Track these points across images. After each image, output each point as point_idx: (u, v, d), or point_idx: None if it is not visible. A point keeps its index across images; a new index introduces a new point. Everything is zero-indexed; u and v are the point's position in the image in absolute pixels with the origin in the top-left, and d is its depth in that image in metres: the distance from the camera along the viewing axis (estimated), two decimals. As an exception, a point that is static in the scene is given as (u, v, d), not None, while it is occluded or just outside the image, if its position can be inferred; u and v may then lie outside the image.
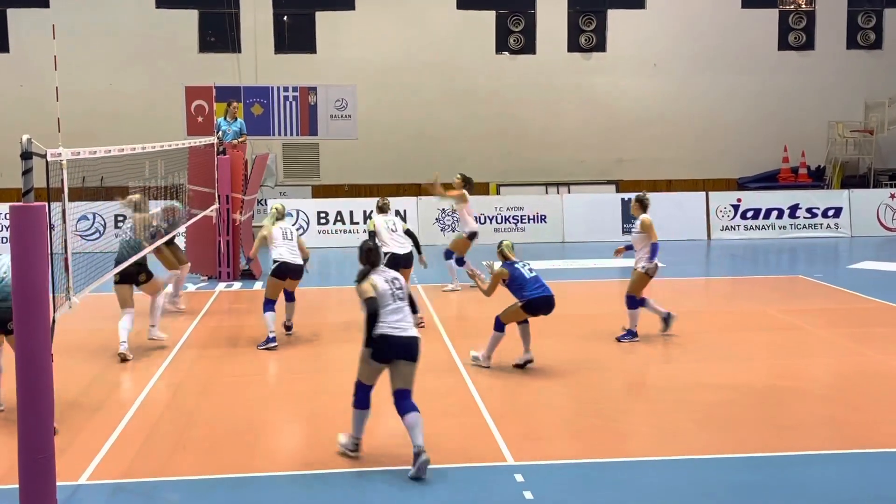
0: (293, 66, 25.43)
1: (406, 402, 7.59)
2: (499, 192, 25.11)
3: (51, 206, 6.86)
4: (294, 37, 25.63)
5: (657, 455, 7.93)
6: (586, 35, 26.29)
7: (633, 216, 12.14)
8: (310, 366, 11.10)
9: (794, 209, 23.03)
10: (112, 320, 11.74)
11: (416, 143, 25.29)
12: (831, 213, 23.05)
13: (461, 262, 15.68)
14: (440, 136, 25.59)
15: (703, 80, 26.48)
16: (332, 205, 22.76)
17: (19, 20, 24.69)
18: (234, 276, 17.15)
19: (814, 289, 16.01)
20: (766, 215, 23.03)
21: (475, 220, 16.13)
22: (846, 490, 7.23)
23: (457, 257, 15.76)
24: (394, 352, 7.61)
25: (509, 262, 10.59)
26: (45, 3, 24.65)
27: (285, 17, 25.60)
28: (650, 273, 11.76)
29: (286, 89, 25.35)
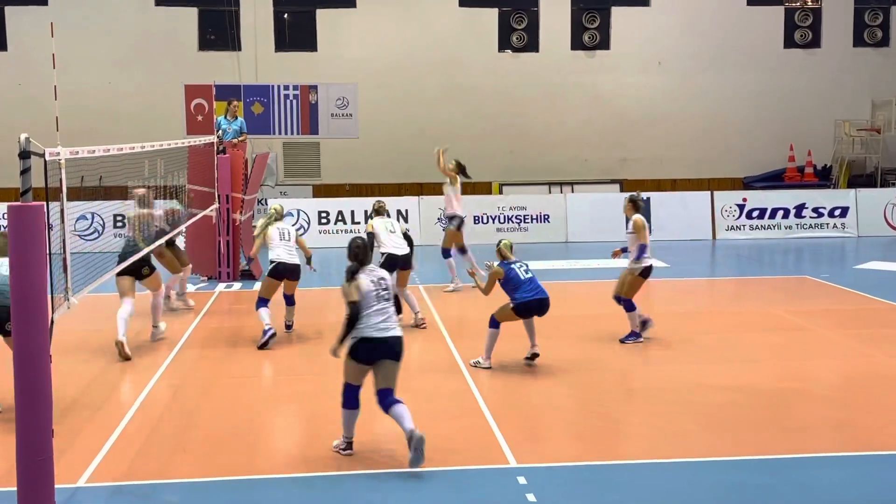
0: (294, 65, 25.31)
1: (389, 398, 7.73)
2: (501, 192, 25.01)
3: (49, 205, 6.90)
4: (295, 35, 25.49)
5: (661, 457, 7.89)
6: (590, 33, 26.11)
7: (627, 217, 12.00)
8: (310, 367, 11.02)
9: (800, 209, 22.87)
10: (112, 321, 11.79)
11: (418, 143, 24.99)
12: (838, 212, 22.88)
13: (463, 251, 15.72)
14: (442, 135, 24.98)
15: (708, 79, 26.30)
16: (332, 204, 22.62)
17: (18, 18, 24.59)
18: (234, 276, 17.06)
19: (820, 289, 15.90)
20: (772, 215, 22.88)
21: (475, 220, 16.06)
22: (852, 493, 7.16)
23: (457, 247, 15.76)
24: (378, 353, 7.72)
25: (506, 262, 10.68)
26: (43, 1, 24.56)
27: (286, 15, 25.46)
28: (643, 274, 11.66)
29: (287, 88, 25.23)
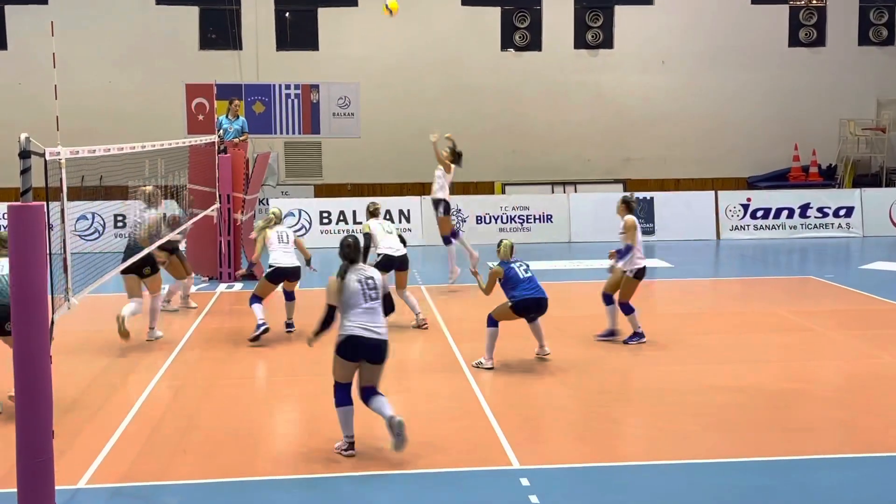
0: (295, 64, 25.19)
1: (370, 393, 7.87)
2: (504, 192, 24.91)
3: (49, 205, 6.91)
4: (296, 34, 25.36)
5: (665, 459, 7.86)
6: (593, 31, 25.98)
7: (620, 217, 11.88)
8: (310, 367, 10.89)
9: (804, 208, 22.76)
10: (110, 322, 11.90)
11: (420, 142, 24.69)
12: (843, 212, 22.76)
13: (455, 234, 16.01)
14: (444, 135, 25.25)
15: (712, 78, 26.16)
16: (334, 204, 22.52)
17: (18, 17, 24.49)
18: (234, 276, 16.93)
19: (825, 290, 15.82)
20: (777, 215, 22.76)
21: (477, 220, 16.10)
22: (856, 495, 7.13)
23: (453, 232, 16.00)
24: (362, 352, 7.79)
25: (505, 262, 10.72)
26: (43, 0, 24.45)
27: (287, 14, 25.33)
28: (637, 276, 11.57)
29: (288, 87, 25.13)
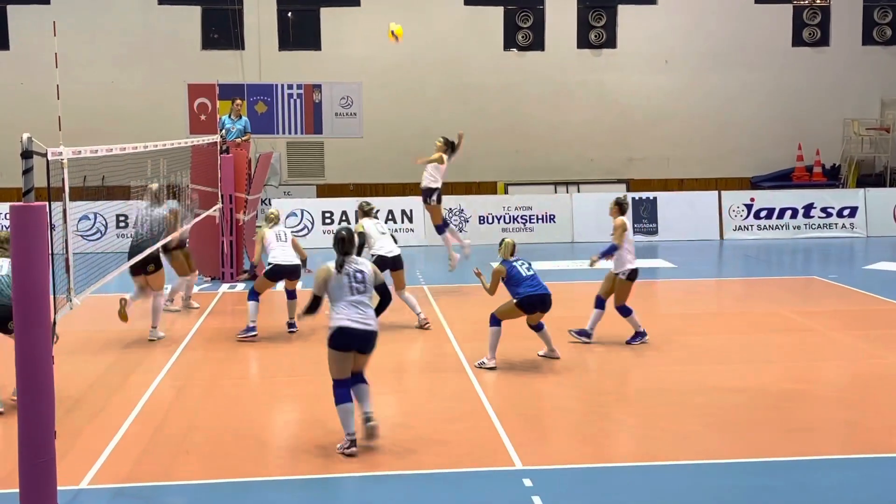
0: (297, 64, 25.16)
1: (356, 379, 8.07)
2: (507, 192, 24.88)
3: (51, 205, 6.92)
4: (298, 33, 25.32)
5: (667, 459, 7.85)
6: (596, 31, 25.92)
7: (612, 218, 11.81)
8: (312, 368, 10.86)
9: (808, 209, 22.70)
10: (114, 322, 11.96)
11: (422, 142, 24.67)
12: (846, 212, 22.70)
13: (446, 223, 16.19)
14: (447, 135, 25.17)
15: (715, 77, 26.10)
16: (336, 204, 22.47)
17: (20, 17, 24.47)
18: (237, 276, 16.88)
19: (829, 290, 15.78)
20: (780, 215, 22.71)
21: (480, 220, 16.12)
22: (859, 495, 7.11)
23: (445, 220, 16.16)
24: (353, 343, 7.94)
25: (507, 261, 10.71)
26: (45, 0, 24.40)
27: (289, 14, 25.29)
28: (630, 277, 11.54)
29: (290, 87, 25.09)
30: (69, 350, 10.89)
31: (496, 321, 10.58)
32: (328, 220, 22.00)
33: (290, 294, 12.69)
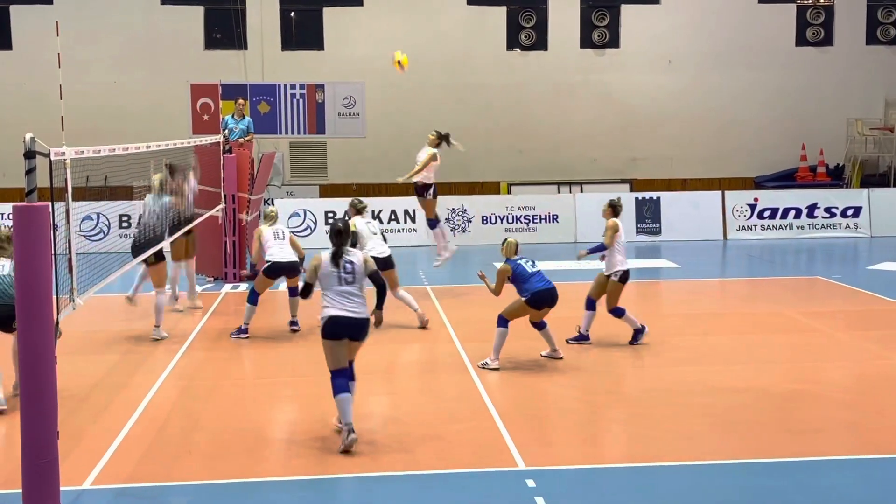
0: (300, 64, 25.15)
1: (347, 372, 8.23)
2: (510, 192, 24.85)
3: (54, 205, 6.95)
4: (301, 33, 25.31)
5: (671, 460, 7.83)
6: (599, 31, 25.88)
7: (605, 219, 11.79)
8: (315, 368, 10.79)
9: (812, 209, 22.65)
10: (116, 322, 12.09)
11: (425, 142, 24.85)
12: (850, 212, 22.65)
13: (438, 220, 16.01)
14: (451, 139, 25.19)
15: (718, 77, 26.05)
16: (339, 204, 22.34)
17: (23, 17, 24.48)
18: (240, 277, 16.86)
19: (833, 290, 15.74)
20: (784, 215, 22.67)
21: (483, 220, 15.98)
22: (864, 496, 7.09)
23: (437, 217, 15.99)
24: (344, 331, 8.10)
25: (512, 259, 10.68)
26: (48, 0, 24.41)
27: (292, 14, 25.27)
28: (622, 279, 11.49)
29: (293, 87, 25.07)
30: (72, 350, 10.88)
31: (504, 322, 10.55)
32: (331, 220, 21.96)
33: (292, 291, 12.72)
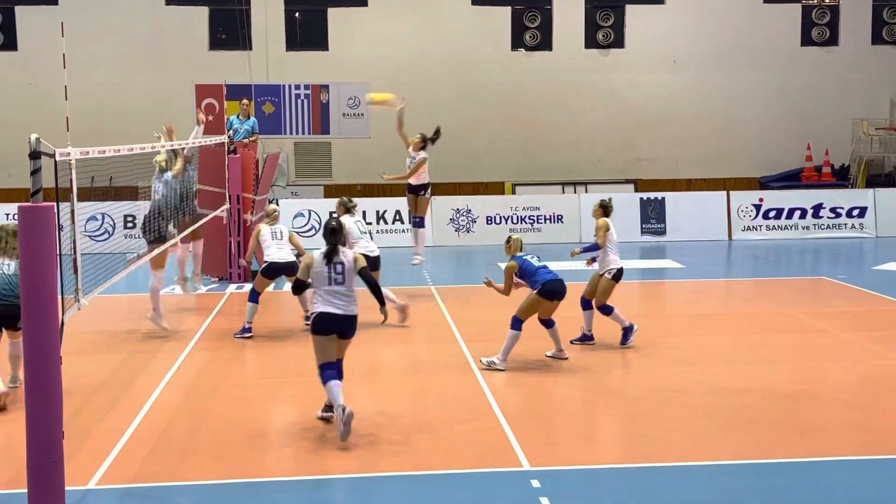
0: (305, 64, 25.16)
1: (335, 368, 8.44)
2: (514, 192, 24.84)
3: (59, 206, 6.97)
4: (306, 34, 25.36)
5: (677, 460, 7.83)
6: (604, 31, 25.88)
7: (595, 219, 11.80)
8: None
9: (817, 209, 22.62)
10: (120, 322, 12.09)
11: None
12: (856, 212, 22.61)
13: (422, 221, 15.91)
14: (454, 135, 24.94)
15: (723, 77, 26.03)
16: (344, 205, 22.40)
17: (28, 18, 24.55)
18: (245, 277, 16.92)
19: (837, 290, 15.70)
20: (789, 215, 22.64)
21: (488, 220, 15.91)
22: (869, 497, 7.07)
23: (419, 217, 15.87)
24: (333, 326, 8.34)
25: (517, 256, 10.70)
26: (53, 1, 24.50)
27: (297, 14, 25.32)
28: (615, 277, 11.50)
29: (298, 87, 25.04)
30: (77, 350, 10.92)
31: (518, 324, 10.45)
32: (335, 221, 21.94)
33: None
